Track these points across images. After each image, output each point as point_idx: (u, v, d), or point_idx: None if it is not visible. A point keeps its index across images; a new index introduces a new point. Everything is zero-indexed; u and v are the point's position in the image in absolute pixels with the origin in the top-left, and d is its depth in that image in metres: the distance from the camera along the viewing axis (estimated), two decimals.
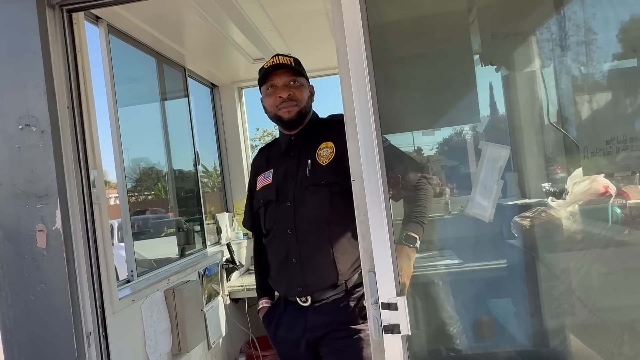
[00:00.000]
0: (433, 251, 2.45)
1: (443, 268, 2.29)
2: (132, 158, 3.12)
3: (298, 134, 1.88)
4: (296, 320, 1.79)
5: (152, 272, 2.47)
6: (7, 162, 1.54)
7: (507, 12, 1.63)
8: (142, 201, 4.19)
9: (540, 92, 1.91)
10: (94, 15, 2.25)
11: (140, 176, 3.57)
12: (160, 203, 4.20)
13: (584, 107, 1.51)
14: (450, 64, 1.58)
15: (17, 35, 1.53)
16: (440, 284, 2.22)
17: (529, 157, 2.25)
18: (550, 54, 1.77)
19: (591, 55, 1.55)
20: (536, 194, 2.21)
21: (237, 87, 3.99)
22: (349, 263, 1.74)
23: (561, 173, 2.04)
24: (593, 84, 1.49)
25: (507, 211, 2.16)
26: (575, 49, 1.61)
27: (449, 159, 2.47)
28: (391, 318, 1.37)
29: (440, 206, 2.88)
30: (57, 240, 1.52)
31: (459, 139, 2.28)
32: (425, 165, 2.23)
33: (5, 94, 1.54)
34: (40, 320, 1.53)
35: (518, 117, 2.05)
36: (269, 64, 1.84)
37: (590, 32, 1.59)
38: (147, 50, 2.84)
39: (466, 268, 2.28)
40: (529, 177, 2.29)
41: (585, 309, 1.59)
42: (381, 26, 1.47)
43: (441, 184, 2.58)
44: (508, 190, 2.40)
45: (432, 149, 2.33)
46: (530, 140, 2.10)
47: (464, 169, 2.35)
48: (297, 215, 1.78)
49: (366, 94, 1.39)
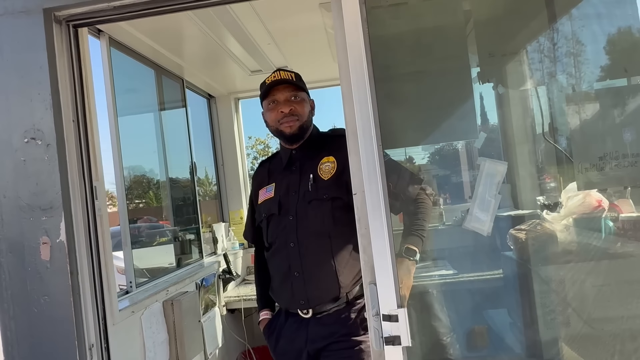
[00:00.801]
0: (427, 261, 2.49)
1: (438, 278, 2.32)
2: (130, 167, 3.13)
3: (299, 148, 1.92)
4: (297, 332, 1.81)
5: (150, 283, 2.47)
6: (12, 175, 1.55)
7: (503, 32, 1.69)
8: (139, 209, 4.19)
9: (535, 108, 1.96)
10: (95, 28, 2.28)
11: (134, 185, 3.57)
12: (156, 212, 4.20)
13: (578, 125, 1.56)
14: (449, 81, 1.63)
15: (25, 50, 1.55)
16: (435, 294, 2.25)
17: (522, 170, 2.30)
18: (544, 71, 1.82)
19: (584, 74, 1.60)
20: (529, 206, 2.26)
21: (233, 98, 4.02)
22: (350, 276, 1.76)
23: (554, 185, 2.09)
24: (586, 102, 1.54)
25: (501, 222, 2.21)
26: (569, 67, 1.66)
27: (441, 168, 2.51)
28: (392, 329, 1.40)
29: (434, 216, 2.91)
30: (62, 253, 1.53)
31: (451, 148, 2.32)
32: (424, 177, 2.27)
33: (12, 108, 1.55)
34: (42, 332, 1.53)
35: (514, 132, 2.10)
36: (271, 79, 1.87)
37: (583, 52, 1.65)
38: (147, 62, 2.87)
39: (461, 278, 2.32)
40: (522, 190, 2.34)
41: (579, 320, 1.63)
42: (383, 44, 1.51)
43: (434, 193, 2.62)
44: (501, 202, 2.45)
45: (424, 158, 2.37)
46: (525, 154, 2.15)
47: (456, 178, 2.39)
48: (300, 229, 1.81)
49: (368, 110, 1.43)
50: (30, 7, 1.55)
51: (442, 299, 2.19)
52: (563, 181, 1.80)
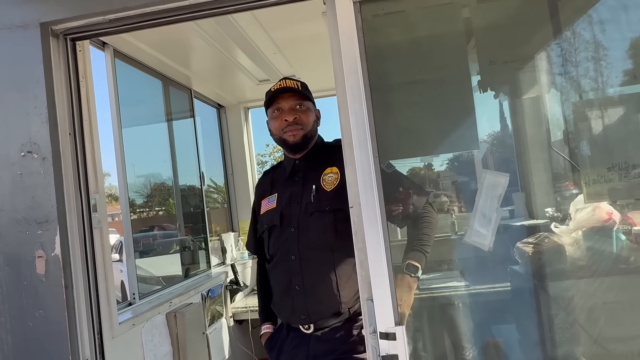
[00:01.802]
0: (439, 272, 2.42)
1: (444, 291, 2.25)
2: (139, 175, 3.15)
3: (303, 158, 1.88)
4: (298, 348, 1.77)
5: (154, 295, 2.46)
6: (9, 188, 1.55)
7: (504, 39, 1.63)
8: (149, 218, 4.22)
9: (540, 117, 1.89)
10: (100, 41, 2.30)
11: (150, 193, 3.59)
12: (166, 221, 4.22)
13: (584, 135, 1.49)
14: (449, 90, 1.58)
15: (21, 64, 1.56)
16: (443, 306, 2.18)
17: (531, 180, 2.22)
18: (548, 79, 1.76)
19: (590, 82, 1.54)
20: (544, 216, 2.18)
21: (243, 107, 4.02)
22: (352, 291, 1.72)
23: (564, 197, 2.01)
24: (593, 111, 1.47)
25: (514, 232, 2.13)
26: (573, 75, 1.60)
27: (458, 175, 2.45)
28: (389, 348, 1.35)
29: (447, 225, 2.84)
30: (56, 267, 1.52)
31: (468, 155, 2.26)
32: (431, 190, 2.21)
33: (9, 121, 1.56)
34: (37, 347, 1.52)
35: (518, 142, 2.03)
36: (276, 87, 1.85)
37: (584, 60, 1.58)
38: (153, 73, 2.88)
39: (472, 291, 2.24)
40: (537, 198, 2.26)
41: (589, 338, 1.55)
42: (379, 52, 1.47)
43: (448, 201, 2.56)
44: (515, 211, 2.37)
45: (442, 165, 2.31)
46: (533, 164, 2.08)
47: (472, 185, 2.32)
48: (301, 241, 1.77)
49: (363, 120, 1.39)
50: (28, 22, 1.56)
51: (458, 312, 2.13)
52: (572, 193, 1.72)
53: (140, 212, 3.94)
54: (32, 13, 1.55)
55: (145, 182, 3.43)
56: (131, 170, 2.66)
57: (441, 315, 2.14)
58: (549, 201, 2.05)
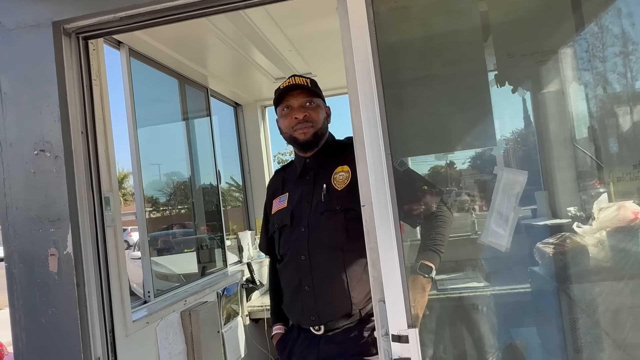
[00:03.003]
0: (459, 272, 2.36)
1: (461, 292, 2.19)
2: (155, 175, 3.17)
3: (313, 156, 1.86)
4: (309, 349, 1.75)
5: (169, 293, 2.47)
6: (23, 187, 1.57)
7: (523, 31, 1.57)
8: (166, 217, 4.25)
9: (562, 112, 1.82)
10: (115, 39, 2.31)
11: (167, 192, 3.62)
12: (183, 220, 4.25)
13: (608, 130, 1.42)
14: (464, 85, 1.52)
15: (34, 63, 1.57)
16: (475, 307, 2.12)
17: (559, 177, 2.14)
18: (571, 73, 1.68)
19: (616, 77, 1.46)
20: (561, 217, 2.10)
21: (260, 105, 4.01)
22: (363, 292, 1.68)
23: (587, 195, 1.93)
24: (618, 106, 1.40)
25: (537, 232, 2.05)
26: (598, 68, 1.52)
27: (480, 173, 2.39)
28: (402, 351, 1.31)
29: (468, 225, 2.78)
30: (68, 265, 1.53)
31: (489, 154, 2.20)
32: (444, 190, 2.16)
33: (23, 120, 1.57)
34: (50, 344, 1.53)
35: (537, 139, 1.96)
36: (285, 85, 1.83)
37: (612, 54, 1.50)
38: (169, 72, 2.89)
39: (492, 292, 2.18)
40: (560, 197, 2.18)
41: (613, 343, 1.48)
42: (391, 47, 1.43)
43: (467, 200, 2.50)
44: (539, 210, 2.30)
45: (464, 163, 2.25)
46: (556, 162, 2.00)
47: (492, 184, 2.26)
48: (311, 241, 1.74)
49: (375, 117, 1.36)
50: (40, 21, 1.57)
51: (476, 314, 2.07)
52: (595, 192, 1.65)
53: (159, 210, 3.97)
54: (44, 12, 1.56)
55: (163, 181, 3.46)
56: (149, 169, 2.67)
57: (458, 317, 2.09)
58: (572, 200, 1.98)
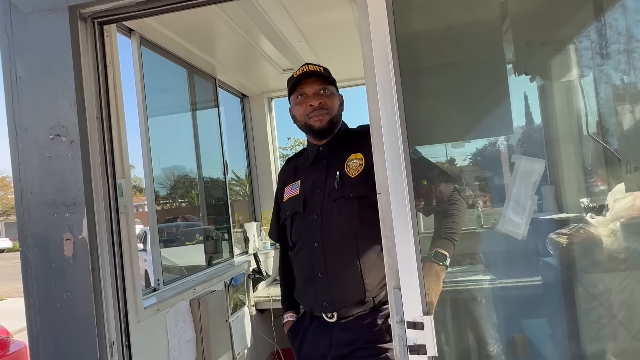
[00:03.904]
0: (464, 265, 2.37)
1: (474, 284, 2.20)
2: (163, 166, 3.17)
3: (327, 144, 1.86)
4: (322, 337, 1.75)
5: (178, 282, 2.47)
6: (38, 171, 1.57)
7: (542, 19, 1.56)
8: (172, 209, 4.25)
9: (578, 102, 1.81)
10: (127, 27, 2.30)
11: (173, 184, 3.62)
12: (190, 211, 4.25)
13: (626, 119, 1.42)
14: (482, 73, 1.52)
15: (51, 48, 1.56)
16: (471, 300, 2.14)
17: (566, 170, 2.14)
18: (590, 62, 1.67)
19: (634, 64, 1.45)
20: (574, 209, 2.10)
21: (267, 97, 4.01)
22: (377, 279, 1.68)
23: (601, 186, 1.93)
24: (636, 94, 1.39)
25: (543, 225, 2.06)
26: (616, 57, 1.51)
27: (481, 170, 2.40)
28: (417, 338, 1.32)
29: (472, 219, 2.79)
30: (84, 249, 1.53)
31: (493, 149, 2.20)
32: (458, 176, 2.16)
33: (39, 105, 1.57)
34: (65, 328, 1.54)
35: (554, 129, 1.95)
36: (299, 73, 1.82)
37: (633, 40, 1.50)
38: (179, 62, 2.88)
39: (498, 285, 2.19)
40: (566, 191, 2.19)
41: (628, 334, 1.48)
42: (410, 35, 1.42)
43: (473, 195, 2.50)
44: (544, 205, 2.30)
45: (465, 160, 2.26)
46: (568, 153, 2.00)
47: (498, 180, 2.26)
48: (324, 228, 1.74)
49: (393, 105, 1.35)
50: (57, 5, 1.57)
51: (483, 305, 2.08)
52: (610, 182, 1.65)
53: (164, 203, 3.97)
54: None
55: (170, 173, 3.46)
56: (156, 161, 2.66)
57: (469, 307, 2.10)
58: (587, 191, 1.98)
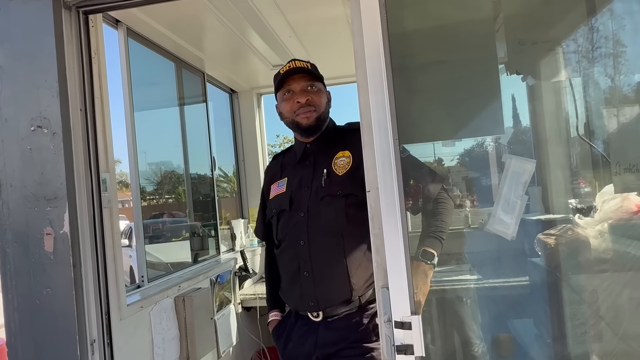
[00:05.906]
0: (450, 265, 2.37)
1: (461, 284, 2.20)
2: (149, 161, 3.12)
3: (314, 142, 1.83)
4: (307, 336, 1.73)
5: (163, 278, 2.44)
6: (19, 164, 1.52)
7: (535, 18, 1.55)
8: (159, 205, 4.20)
9: (568, 103, 1.81)
10: (113, 18, 2.25)
11: (160, 179, 3.57)
12: (176, 207, 4.20)
13: (615, 121, 1.42)
14: (474, 72, 1.51)
15: (33, 36, 1.52)
16: (458, 300, 2.13)
17: (554, 171, 2.15)
18: (580, 64, 1.68)
19: (621, 68, 1.45)
20: (561, 210, 2.11)
21: (256, 93, 3.97)
22: (363, 278, 1.67)
23: (587, 188, 1.94)
24: (624, 96, 1.39)
25: (530, 226, 2.06)
26: (605, 60, 1.51)
27: (470, 170, 2.39)
28: (404, 338, 1.30)
29: (460, 219, 2.79)
30: (65, 245, 1.49)
31: (481, 149, 2.20)
32: (447, 175, 2.16)
33: (19, 95, 1.52)
34: (44, 325, 1.50)
35: (544, 129, 1.96)
36: (286, 69, 1.80)
37: (622, 43, 1.50)
38: (167, 55, 2.84)
39: (485, 285, 2.19)
40: (554, 192, 2.19)
41: (613, 335, 1.49)
42: (402, 31, 1.41)
43: (461, 195, 2.50)
44: (532, 205, 2.31)
45: (453, 160, 2.25)
46: (557, 154, 2.00)
47: (485, 180, 2.27)
48: (311, 226, 1.72)
49: (384, 101, 1.34)
50: None
51: (470, 305, 2.08)
52: (598, 183, 1.65)
53: (151, 199, 3.92)
54: None
55: (156, 168, 3.41)
56: (142, 157, 2.62)
57: (456, 307, 2.09)
58: (575, 192, 1.98)
